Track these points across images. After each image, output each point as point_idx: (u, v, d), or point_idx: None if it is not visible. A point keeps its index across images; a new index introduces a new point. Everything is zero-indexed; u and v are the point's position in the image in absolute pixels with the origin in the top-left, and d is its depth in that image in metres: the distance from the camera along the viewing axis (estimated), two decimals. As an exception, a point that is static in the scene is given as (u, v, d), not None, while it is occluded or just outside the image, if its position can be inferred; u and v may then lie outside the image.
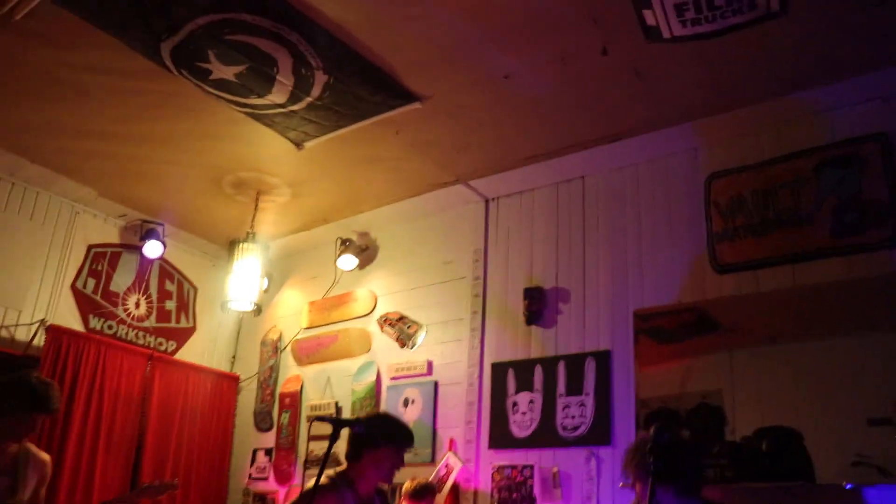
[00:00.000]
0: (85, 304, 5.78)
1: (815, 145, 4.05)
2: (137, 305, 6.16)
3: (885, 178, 3.80)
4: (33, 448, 3.78)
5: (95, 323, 5.81)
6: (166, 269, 6.42)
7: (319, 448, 5.50)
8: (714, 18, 3.53)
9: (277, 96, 4.36)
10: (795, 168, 4.09)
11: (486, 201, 5.33)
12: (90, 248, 5.89)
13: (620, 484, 3.99)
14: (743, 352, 4.00)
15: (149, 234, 5.95)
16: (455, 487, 4.71)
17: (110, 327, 5.91)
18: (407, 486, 4.46)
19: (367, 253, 5.89)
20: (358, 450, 3.30)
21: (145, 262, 6.20)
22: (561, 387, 4.55)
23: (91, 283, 5.86)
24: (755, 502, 3.67)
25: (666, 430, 2.66)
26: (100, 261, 5.95)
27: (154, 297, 6.31)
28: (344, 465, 3.33)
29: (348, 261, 5.80)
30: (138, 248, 6.01)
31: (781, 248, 4.02)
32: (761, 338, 3.96)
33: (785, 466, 3.67)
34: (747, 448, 3.80)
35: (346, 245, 5.80)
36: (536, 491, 4.44)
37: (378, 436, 3.29)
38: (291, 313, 6.35)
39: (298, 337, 6.18)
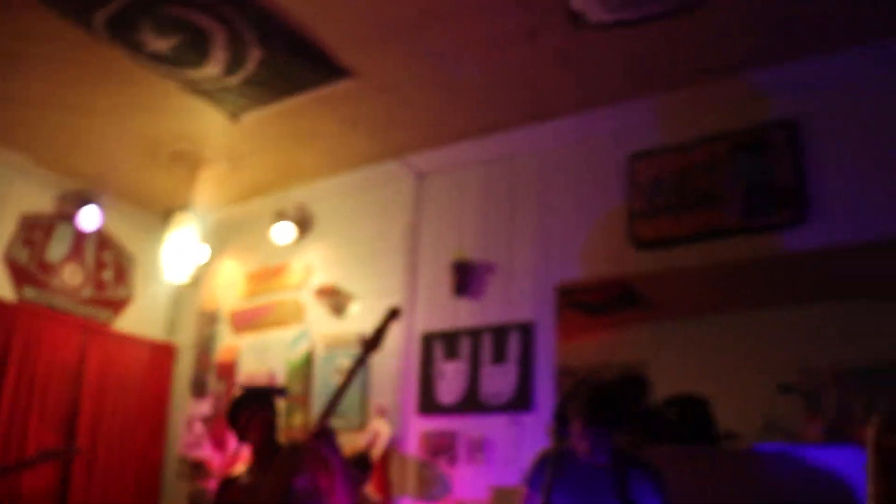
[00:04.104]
0: (18, 274, 5.76)
1: (729, 130, 4.26)
2: (73, 275, 6.16)
3: (791, 163, 4.03)
4: None
5: (30, 293, 5.80)
6: (103, 238, 6.40)
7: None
8: (638, 6, 3.70)
9: (212, 70, 4.42)
10: (711, 151, 4.29)
11: (419, 176, 5.45)
12: (24, 217, 5.85)
13: (539, 448, 4.21)
14: (665, 324, 4.24)
15: (85, 203, 5.91)
16: (384, 453, 4.86)
17: (45, 297, 5.90)
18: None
19: (302, 225, 5.94)
20: None
21: (82, 233, 6.16)
22: (486, 356, 4.74)
23: (25, 252, 5.83)
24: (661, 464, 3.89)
25: (571, 400, 2.85)
26: (34, 230, 5.91)
27: (91, 267, 6.30)
28: None
29: (284, 232, 5.87)
30: (74, 218, 5.95)
31: (695, 227, 4.23)
32: (682, 311, 4.21)
33: (691, 431, 3.91)
34: (657, 414, 4.03)
35: (282, 217, 5.86)
36: (461, 455, 4.63)
37: None
38: (228, 284, 6.40)
39: (235, 307, 6.26)
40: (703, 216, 4.23)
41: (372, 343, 3.24)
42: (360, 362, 3.23)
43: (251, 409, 3.44)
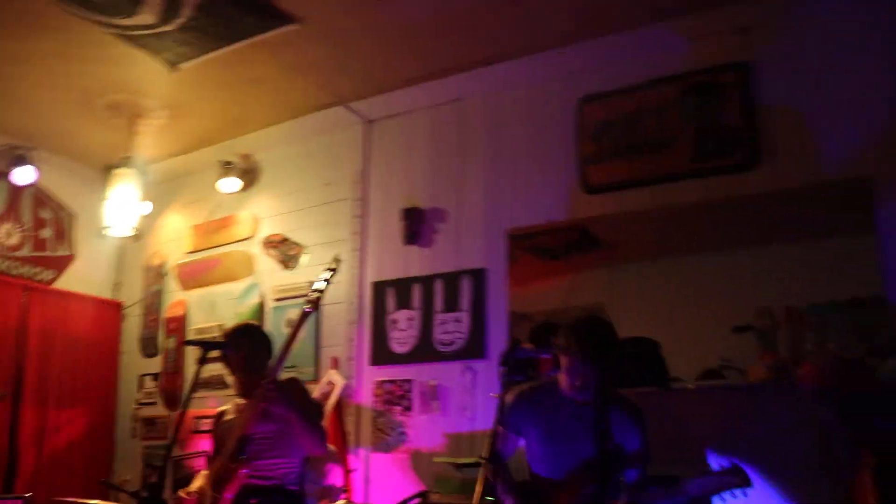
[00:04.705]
0: (-50, 235, 5.57)
1: (679, 72, 4.22)
2: (9, 235, 5.95)
3: (741, 105, 4.01)
4: None
5: (-37, 254, 5.61)
6: (40, 196, 6.19)
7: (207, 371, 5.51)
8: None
9: (146, 17, 4.23)
10: (661, 94, 4.26)
11: (367, 123, 5.34)
12: (-48, 175, 5.64)
13: (492, 394, 4.23)
14: (622, 268, 4.22)
15: (18, 159, 5.69)
16: (338, 404, 4.84)
17: (-20, 258, 5.71)
18: None
19: (249, 175, 5.83)
20: None
21: (16, 190, 5.95)
22: (438, 304, 4.72)
23: (-45, 212, 5.63)
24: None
25: (518, 347, 2.81)
26: (-36, 189, 5.70)
27: (29, 225, 6.10)
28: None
29: (230, 183, 5.74)
30: (7, 175, 5.74)
31: (645, 171, 4.22)
32: (638, 255, 4.20)
33: (642, 373, 3.93)
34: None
35: (227, 167, 5.73)
36: (415, 404, 4.63)
37: None
38: (174, 238, 6.28)
39: (182, 261, 6.13)
40: (654, 160, 4.21)
41: (316, 299, 3.31)
42: (304, 318, 3.31)
43: (227, 349, 3.55)
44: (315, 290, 3.34)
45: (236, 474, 3.18)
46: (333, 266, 3.44)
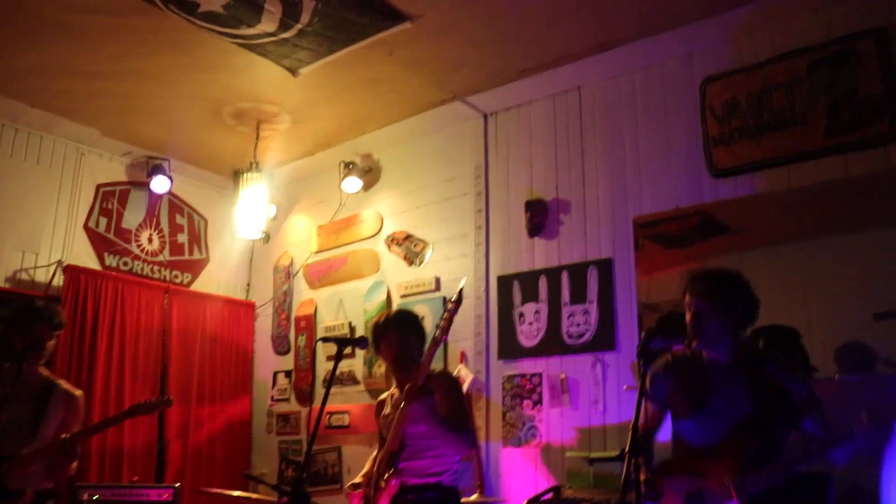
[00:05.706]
0: (99, 243, 5.92)
1: (808, 44, 4.01)
2: (150, 240, 6.29)
3: (880, 73, 3.76)
4: (63, 383, 3.84)
5: (111, 260, 5.96)
6: (175, 203, 6.52)
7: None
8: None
9: (267, 25, 4.35)
10: (789, 68, 4.05)
11: (485, 116, 5.34)
12: (99, 187, 5.98)
13: (625, 387, 4.16)
14: (752, 253, 4.04)
15: (155, 169, 6.03)
16: (468, 398, 4.87)
17: (125, 264, 6.05)
18: None
19: (370, 174, 5.94)
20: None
21: (154, 198, 6.30)
22: (565, 296, 4.67)
23: (103, 221, 5.98)
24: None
25: (653, 337, 2.72)
26: (109, 199, 6.05)
27: (166, 231, 6.43)
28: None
29: (353, 183, 5.87)
30: (146, 185, 6.09)
31: (777, 150, 4.03)
32: (769, 239, 4.01)
33: (783, 362, 3.77)
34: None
35: (349, 168, 5.86)
36: (545, 397, 4.60)
37: None
38: (301, 238, 6.46)
39: (309, 261, 6.30)
40: (785, 138, 4.02)
41: (445, 326, 3.29)
42: (437, 345, 3.33)
43: (381, 339, 3.59)
44: (443, 319, 3.29)
45: (387, 485, 3.25)
46: (457, 297, 3.34)
